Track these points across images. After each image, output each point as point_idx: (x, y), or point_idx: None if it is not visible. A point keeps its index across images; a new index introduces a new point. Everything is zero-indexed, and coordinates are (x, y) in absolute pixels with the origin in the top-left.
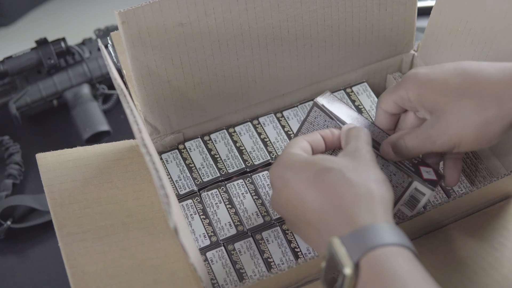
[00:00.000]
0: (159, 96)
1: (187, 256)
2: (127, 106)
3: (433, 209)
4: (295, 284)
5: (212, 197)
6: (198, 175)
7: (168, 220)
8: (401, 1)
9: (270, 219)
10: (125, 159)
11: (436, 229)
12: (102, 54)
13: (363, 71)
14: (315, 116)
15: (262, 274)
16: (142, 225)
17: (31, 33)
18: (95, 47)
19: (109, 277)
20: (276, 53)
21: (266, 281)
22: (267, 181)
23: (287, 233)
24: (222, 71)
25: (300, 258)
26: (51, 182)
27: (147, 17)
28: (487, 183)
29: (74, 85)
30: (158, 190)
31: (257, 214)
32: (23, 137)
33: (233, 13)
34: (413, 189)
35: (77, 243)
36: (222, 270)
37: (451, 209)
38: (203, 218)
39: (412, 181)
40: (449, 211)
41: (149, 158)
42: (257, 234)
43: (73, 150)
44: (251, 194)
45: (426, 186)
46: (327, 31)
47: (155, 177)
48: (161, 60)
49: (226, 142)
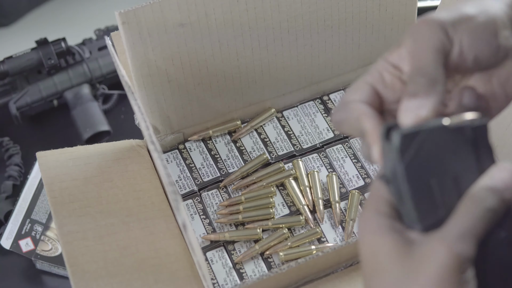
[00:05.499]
0: (159, 96)
1: (193, 253)
2: (135, 103)
3: None
4: (295, 284)
5: (212, 197)
6: (198, 175)
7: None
8: (401, 1)
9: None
10: (126, 158)
11: None
12: (110, 51)
13: (363, 71)
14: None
15: (262, 274)
16: (142, 224)
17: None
18: (95, 47)
19: (109, 276)
20: (276, 53)
21: (266, 281)
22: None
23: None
24: (222, 71)
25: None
26: (52, 181)
27: (148, 18)
28: None
29: (74, 85)
30: (166, 186)
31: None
32: (23, 137)
33: (233, 13)
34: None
35: (77, 241)
36: (222, 270)
37: None
38: (203, 218)
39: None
40: None
41: (157, 154)
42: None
43: (73, 149)
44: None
45: None
46: (327, 31)
47: (164, 173)
48: (162, 61)
49: (226, 142)
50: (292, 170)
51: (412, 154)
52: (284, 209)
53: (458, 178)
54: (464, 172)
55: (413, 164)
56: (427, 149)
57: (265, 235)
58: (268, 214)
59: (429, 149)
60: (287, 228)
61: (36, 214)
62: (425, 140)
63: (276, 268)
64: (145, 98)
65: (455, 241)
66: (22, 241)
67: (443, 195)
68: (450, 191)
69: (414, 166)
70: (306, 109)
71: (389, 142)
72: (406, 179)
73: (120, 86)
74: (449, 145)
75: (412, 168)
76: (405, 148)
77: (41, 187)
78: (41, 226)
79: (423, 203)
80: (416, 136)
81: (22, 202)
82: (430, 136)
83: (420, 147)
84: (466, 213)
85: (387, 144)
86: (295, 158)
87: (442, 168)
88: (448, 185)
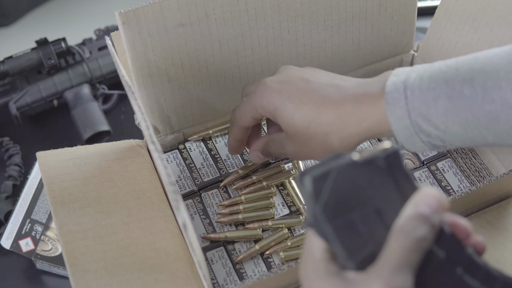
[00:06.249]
0: (159, 96)
1: (193, 253)
2: (135, 103)
3: None
4: (295, 284)
5: (213, 197)
6: (198, 175)
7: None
8: (401, 1)
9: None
10: (126, 158)
11: None
12: (110, 51)
13: (363, 71)
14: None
15: (262, 274)
16: (142, 224)
17: (31, 33)
18: (95, 47)
19: (109, 276)
20: (276, 53)
21: (266, 281)
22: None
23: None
24: (223, 71)
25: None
26: (52, 181)
27: (148, 18)
28: (487, 182)
29: (74, 85)
30: (167, 186)
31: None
32: (23, 137)
33: (233, 13)
34: None
35: (77, 241)
36: (222, 270)
37: (450, 209)
38: (203, 218)
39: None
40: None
41: (158, 154)
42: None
43: (73, 149)
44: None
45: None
46: (327, 31)
47: (164, 173)
48: (162, 61)
49: (226, 142)
50: (292, 170)
51: (327, 195)
52: (284, 209)
53: (381, 209)
54: (386, 202)
55: (330, 204)
56: (341, 186)
57: (265, 235)
58: (268, 214)
59: (343, 186)
60: (287, 228)
61: (36, 214)
62: (338, 178)
63: (276, 268)
64: (145, 98)
65: (392, 276)
66: (22, 241)
67: (369, 229)
68: (375, 224)
69: (331, 205)
70: None
71: (303, 188)
72: (326, 220)
73: (120, 86)
74: (364, 178)
75: (329, 208)
76: (319, 190)
77: (41, 187)
78: (41, 226)
79: (349, 240)
80: (327, 176)
81: (22, 202)
82: (342, 174)
83: (333, 186)
84: (398, 246)
85: (302, 191)
86: None
87: (361, 203)
88: (371, 218)
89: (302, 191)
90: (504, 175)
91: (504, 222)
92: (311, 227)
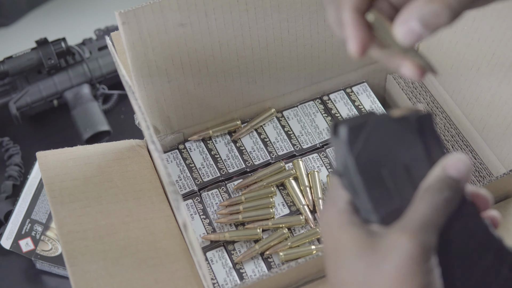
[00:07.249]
0: (159, 96)
1: (193, 253)
2: (135, 103)
3: None
4: (295, 284)
5: (213, 197)
6: (198, 175)
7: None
8: None
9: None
10: (125, 158)
11: None
12: (110, 51)
13: (363, 71)
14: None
15: (262, 274)
16: (142, 224)
17: (32, 33)
18: (95, 47)
19: (109, 276)
20: (276, 53)
21: (266, 281)
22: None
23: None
24: (222, 71)
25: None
26: (52, 181)
27: (148, 18)
28: (487, 182)
29: (74, 85)
30: (167, 186)
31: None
32: (23, 137)
33: (233, 13)
34: None
35: (77, 241)
36: (222, 270)
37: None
38: (203, 218)
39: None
40: None
41: (158, 154)
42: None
43: (73, 149)
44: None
45: None
46: (327, 31)
47: (164, 173)
48: (162, 61)
49: (226, 142)
50: (292, 170)
51: (361, 145)
52: (284, 209)
53: (409, 166)
54: (414, 161)
55: (363, 156)
56: (375, 140)
57: (265, 235)
58: (268, 214)
59: (377, 140)
60: (287, 228)
61: (36, 214)
62: (372, 131)
63: (276, 268)
64: (145, 98)
65: (419, 231)
66: (22, 241)
67: (396, 185)
68: (402, 180)
69: (364, 158)
70: (306, 109)
71: (338, 136)
72: (358, 171)
73: (120, 86)
74: (396, 135)
75: (362, 159)
76: (353, 140)
77: (41, 187)
78: (41, 226)
79: (377, 193)
80: (362, 128)
81: (22, 202)
82: (377, 127)
83: (367, 138)
84: (426, 205)
85: (336, 139)
86: (295, 158)
87: (392, 158)
88: (399, 174)
89: (335, 141)
90: (504, 175)
91: (504, 222)
92: (340, 177)
